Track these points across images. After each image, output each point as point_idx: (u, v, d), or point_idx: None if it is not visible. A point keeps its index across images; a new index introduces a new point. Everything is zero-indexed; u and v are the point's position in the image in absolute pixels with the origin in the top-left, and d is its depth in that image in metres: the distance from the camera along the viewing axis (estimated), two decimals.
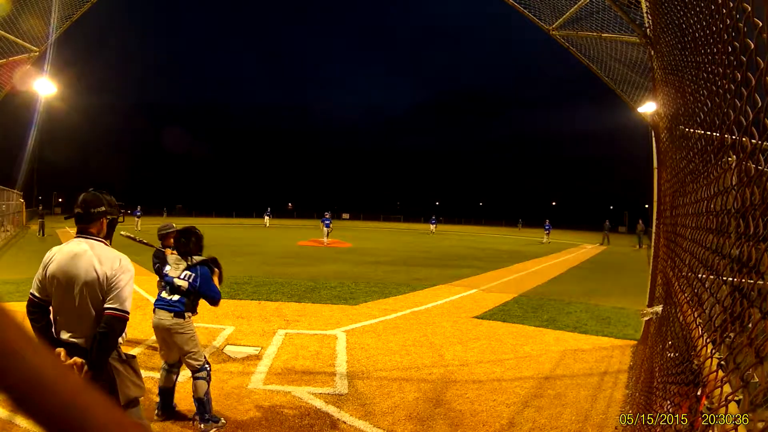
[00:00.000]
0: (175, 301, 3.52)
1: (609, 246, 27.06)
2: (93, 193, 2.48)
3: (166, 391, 3.59)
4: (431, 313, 7.53)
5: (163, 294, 3.60)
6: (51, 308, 2.39)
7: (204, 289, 3.57)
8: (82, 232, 2.43)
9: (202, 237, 3.81)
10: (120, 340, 2.40)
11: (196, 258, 3.67)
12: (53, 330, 2.36)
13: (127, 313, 2.33)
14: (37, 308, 2.37)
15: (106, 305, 2.28)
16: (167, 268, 3.70)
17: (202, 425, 3.38)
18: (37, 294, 2.37)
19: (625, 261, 18.82)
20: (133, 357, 2.51)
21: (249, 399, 3.94)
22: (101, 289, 2.30)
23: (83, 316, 2.30)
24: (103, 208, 2.47)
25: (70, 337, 2.31)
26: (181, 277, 3.56)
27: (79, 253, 2.34)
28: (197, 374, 3.46)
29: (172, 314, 3.47)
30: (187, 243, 3.68)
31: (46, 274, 2.35)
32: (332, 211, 23.33)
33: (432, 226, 35.58)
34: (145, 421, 3.05)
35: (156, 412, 3.54)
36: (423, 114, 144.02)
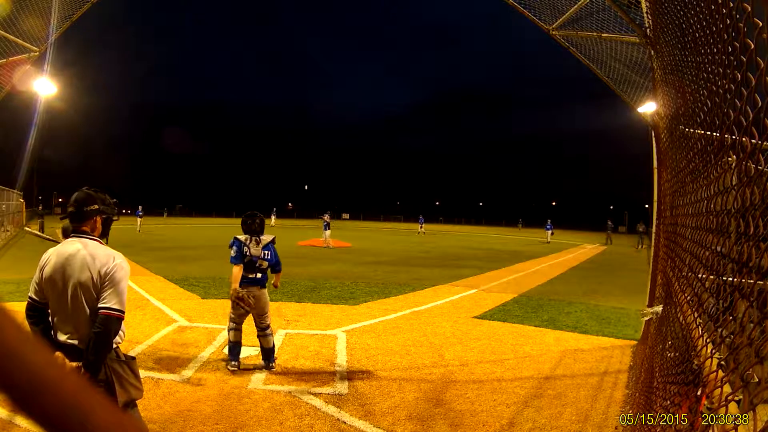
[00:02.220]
0: (261, 278, 4.70)
1: (610, 246, 27.07)
2: (86, 192, 2.48)
3: (238, 344, 4.71)
4: (431, 313, 7.53)
5: (249, 275, 4.63)
6: (49, 311, 2.38)
7: (276, 262, 4.85)
8: (76, 231, 2.43)
9: (264, 220, 4.90)
10: (118, 339, 2.39)
11: (266, 237, 4.79)
12: (51, 332, 2.35)
13: (122, 312, 2.31)
14: (35, 311, 2.36)
15: (99, 305, 2.27)
16: (245, 248, 4.66)
17: (271, 364, 4.68)
18: (34, 297, 2.36)
19: (625, 261, 18.82)
20: (133, 358, 2.50)
21: (249, 399, 3.94)
22: (95, 288, 2.29)
23: (79, 317, 2.29)
24: (96, 207, 2.47)
25: (67, 338, 2.30)
26: (263, 257, 4.69)
27: (72, 253, 2.33)
28: (267, 331, 4.70)
29: (258, 286, 4.66)
30: (253, 223, 4.75)
31: (42, 276, 2.34)
32: (332, 210, 23.00)
33: (420, 226, 35.16)
34: (143, 422, 3.04)
35: (231, 364, 4.60)
36: (423, 114, 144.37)
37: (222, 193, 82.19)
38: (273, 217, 39.42)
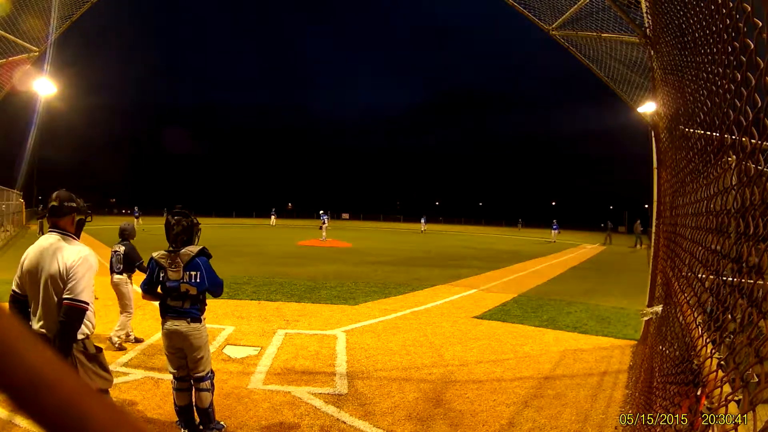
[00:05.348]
0: (190, 308, 3.29)
1: (610, 246, 27.08)
2: (66, 191, 2.70)
3: (188, 408, 3.36)
4: (431, 313, 7.53)
5: (170, 302, 3.29)
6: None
7: (213, 284, 3.35)
8: (54, 226, 2.62)
9: (192, 224, 3.44)
10: (87, 331, 2.54)
11: (191, 250, 3.31)
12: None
13: (85, 303, 2.46)
14: (16, 303, 2.55)
15: (63, 295, 2.43)
16: (160, 272, 3.32)
17: None
18: (16, 289, 2.57)
19: (625, 261, 18.82)
20: (100, 350, 2.65)
21: (249, 399, 3.94)
22: (62, 279, 2.45)
23: (49, 307, 2.46)
24: (75, 204, 2.68)
25: (39, 327, 2.46)
26: (186, 280, 3.25)
27: (46, 246, 2.53)
28: (201, 384, 3.32)
29: (188, 320, 3.27)
30: (172, 229, 3.36)
31: (22, 270, 2.54)
32: (332, 210, 24.25)
33: (422, 225, 37.77)
34: (135, 416, 3.08)
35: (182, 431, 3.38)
36: (422, 114, 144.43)
37: (222, 193, 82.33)
38: (273, 217, 39.62)
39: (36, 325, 2.47)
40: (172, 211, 3.47)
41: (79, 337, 2.49)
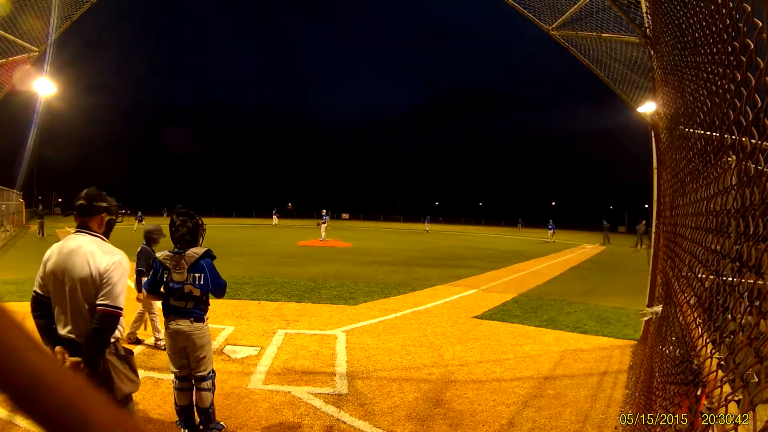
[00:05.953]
0: (192, 308, 3.32)
1: (609, 246, 27.08)
2: (96, 189, 2.56)
3: (189, 408, 3.38)
4: (431, 313, 7.53)
5: (173, 302, 3.31)
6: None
7: (217, 287, 3.38)
8: (82, 227, 2.47)
9: (197, 225, 3.45)
10: (118, 335, 2.44)
11: (195, 251, 3.34)
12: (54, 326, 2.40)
13: (120, 309, 2.36)
14: (39, 305, 2.42)
15: (98, 301, 2.31)
16: (164, 273, 3.34)
17: None
18: (38, 291, 2.42)
19: (625, 261, 18.81)
20: (131, 352, 2.55)
21: (249, 399, 3.94)
22: (94, 284, 2.32)
23: (78, 312, 2.34)
24: (105, 204, 2.54)
25: (67, 332, 2.35)
26: (190, 282, 3.28)
27: (74, 248, 2.37)
28: (203, 383, 3.33)
29: (191, 319, 3.30)
30: (176, 230, 3.38)
31: (45, 270, 2.39)
32: (332, 210, 24.77)
33: (426, 225, 39.82)
34: (137, 417, 3.08)
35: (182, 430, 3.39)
36: (423, 114, 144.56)
37: (222, 193, 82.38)
38: (275, 217, 39.79)
39: (63, 330, 2.33)
40: (178, 211, 3.47)
41: (111, 340, 2.39)
